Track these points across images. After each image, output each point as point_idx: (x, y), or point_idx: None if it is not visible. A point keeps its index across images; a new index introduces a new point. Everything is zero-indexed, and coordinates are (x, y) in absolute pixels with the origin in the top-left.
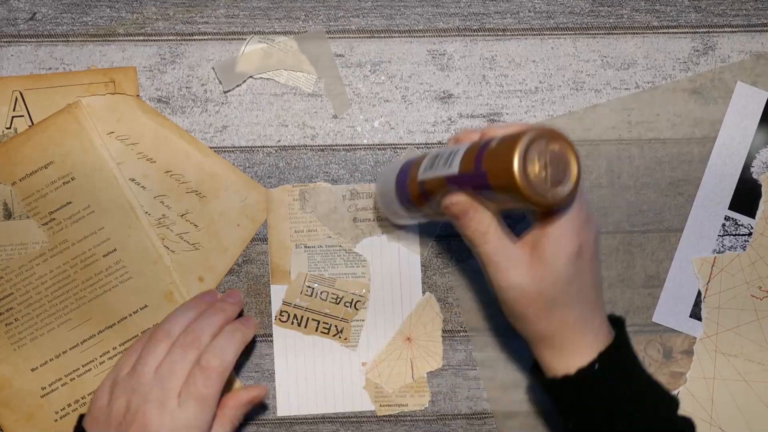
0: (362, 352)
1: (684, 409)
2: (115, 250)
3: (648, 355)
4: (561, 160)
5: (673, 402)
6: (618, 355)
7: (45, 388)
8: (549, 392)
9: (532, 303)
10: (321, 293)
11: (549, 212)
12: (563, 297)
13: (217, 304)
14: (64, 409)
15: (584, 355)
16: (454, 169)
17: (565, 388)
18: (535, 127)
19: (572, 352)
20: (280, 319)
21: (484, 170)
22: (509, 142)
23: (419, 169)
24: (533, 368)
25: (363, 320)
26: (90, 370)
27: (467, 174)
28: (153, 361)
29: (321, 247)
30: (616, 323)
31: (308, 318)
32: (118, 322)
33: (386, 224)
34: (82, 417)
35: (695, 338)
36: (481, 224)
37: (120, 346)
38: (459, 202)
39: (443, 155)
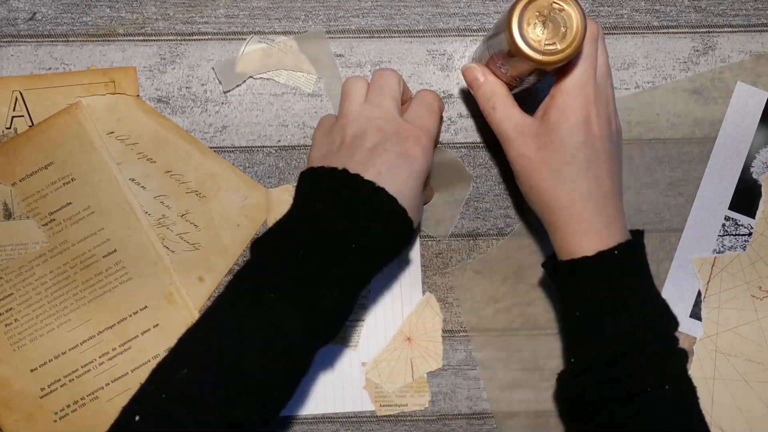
0: (362, 351)
1: None
2: (115, 250)
3: None
4: (564, 22)
5: (675, 321)
6: (636, 254)
7: (44, 388)
8: (561, 276)
9: (538, 171)
10: None
11: (560, 77)
12: (570, 168)
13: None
14: (63, 409)
15: (597, 241)
16: (497, 41)
17: (579, 268)
18: None
19: (585, 236)
20: None
21: (497, 32)
22: (508, 13)
23: (487, 41)
24: (545, 263)
25: (363, 320)
26: (89, 371)
27: (493, 38)
28: (358, 97)
29: None
30: (636, 233)
31: None
32: (117, 323)
33: None
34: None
35: (695, 338)
36: (489, 91)
37: (120, 347)
38: (469, 69)
39: (498, 25)
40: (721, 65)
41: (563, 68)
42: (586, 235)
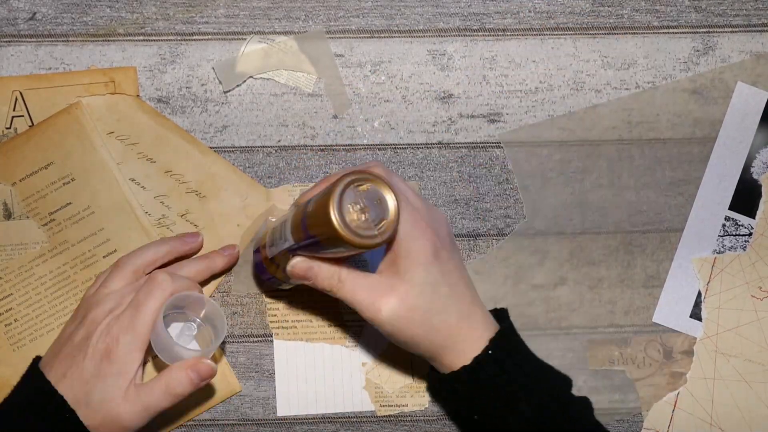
0: (362, 352)
1: (684, 409)
2: (115, 251)
3: (648, 355)
4: (375, 196)
5: (567, 381)
6: (507, 340)
7: None
8: (449, 388)
9: (411, 322)
10: None
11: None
12: (437, 303)
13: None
14: None
15: (476, 346)
16: (290, 240)
17: (462, 377)
18: (340, 179)
19: (465, 348)
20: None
21: (311, 234)
22: (322, 201)
23: (267, 249)
24: (429, 375)
25: (363, 320)
26: None
27: (301, 242)
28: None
29: None
30: (500, 314)
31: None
32: None
33: None
34: (38, 359)
35: (695, 338)
36: (328, 274)
37: None
38: (297, 265)
39: (276, 231)
40: (721, 65)
41: None
42: (463, 351)
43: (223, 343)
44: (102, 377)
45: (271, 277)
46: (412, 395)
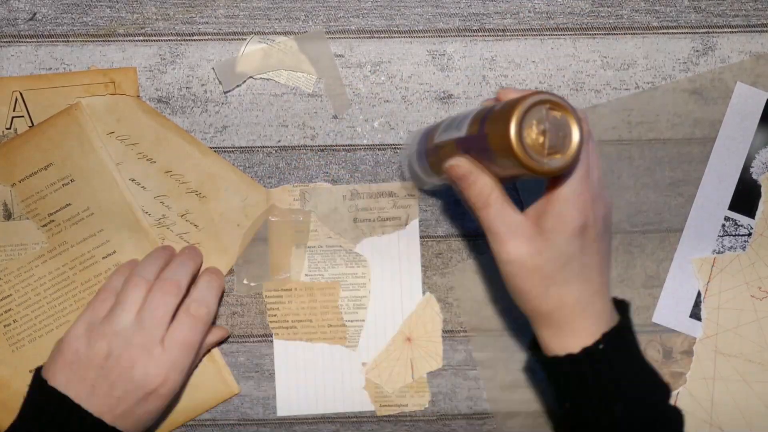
0: (362, 352)
1: (684, 410)
2: (114, 252)
3: (648, 355)
4: (561, 129)
5: (667, 389)
6: (621, 339)
7: None
8: (548, 370)
9: (530, 277)
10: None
11: (556, 183)
12: (562, 274)
13: (186, 251)
14: None
15: (584, 337)
16: (462, 131)
17: (566, 365)
18: (539, 93)
19: (571, 334)
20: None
21: (485, 133)
22: (510, 106)
23: (436, 134)
24: (531, 345)
25: (363, 320)
26: None
27: (472, 136)
28: (132, 306)
29: (321, 247)
30: (621, 306)
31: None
32: None
33: (386, 225)
34: (40, 369)
35: (695, 338)
36: (483, 189)
37: None
38: (459, 165)
39: (457, 119)
40: (720, 65)
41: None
42: (572, 334)
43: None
44: (135, 392)
45: (426, 165)
46: (412, 395)
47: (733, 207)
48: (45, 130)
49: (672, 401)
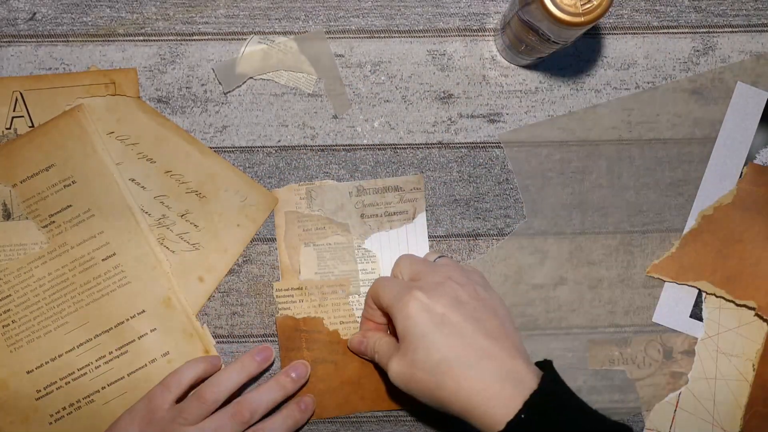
0: None
1: (686, 410)
2: (114, 254)
3: (648, 355)
4: None
5: (625, 428)
6: (546, 399)
7: (40, 391)
8: None
9: (419, 381)
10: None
11: (379, 303)
12: (439, 357)
13: (280, 378)
14: (59, 412)
15: (504, 406)
16: (517, 5)
17: None
18: None
19: (495, 410)
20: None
21: (530, 0)
22: None
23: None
24: None
25: None
26: (86, 374)
27: (524, 8)
28: (195, 419)
29: (330, 244)
30: (544, 366)
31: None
32: (114, 327)
33: (393, 219)
34: None
35: (695, 338)
36: (372, 342)
37: (117, 350)
38: (351, 341)
39: None
40: (721, 65)
41: (381, 298)
42: (488, 404)
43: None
44: None
45: (508, 42)
46: None
47: None
48: (47, 132)
49: (674, 402)
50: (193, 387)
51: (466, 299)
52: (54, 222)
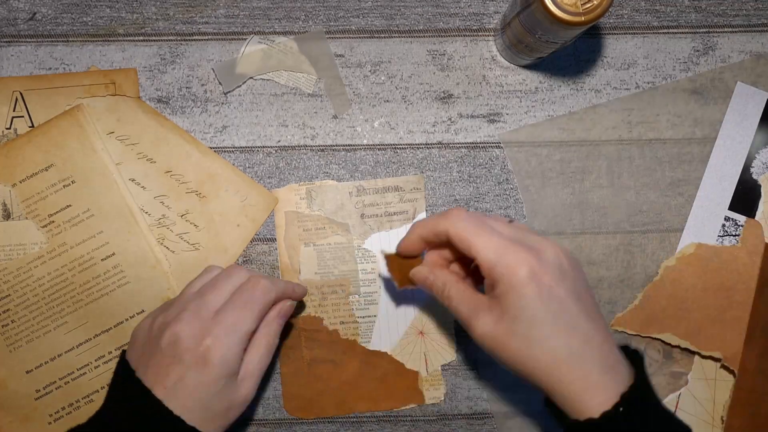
0: (375, 347)
1: (686, 410)
2: (113, 254)
3: (648, 355)
4: None
5: None
6: (641, 397)
7: (39, 390)
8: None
9: (506, 345)
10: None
11: (479, 256)
12: (536, 329)
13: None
14: (58, 412)
15: (600, 393)
16: (518, 6)
17: (589, 430)
18: None
19: (583, 391)
20: None
21: (530, 1)
22: None
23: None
24: (546, 403)
25: (375, 316)
26: (85, 374)
27: (524, 9)
28: (197, 284)
29: (330, 244)
30: (634, 358)
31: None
32: (114, 327)
33: (394, 219)
34: (125, 351)
35: None
36: (441, 287)
37: (116, 350)
38: (418, 273)
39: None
40: (721, 65)
41: (475, 248)
42: (584, 392)
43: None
44: (211, 385)
45: (508, 42)
46: (428, 389)
47: (733, 207)
48: (47, 131)
49: (674, 403)
50: None
51: (568, 269)
52: (53, 222)
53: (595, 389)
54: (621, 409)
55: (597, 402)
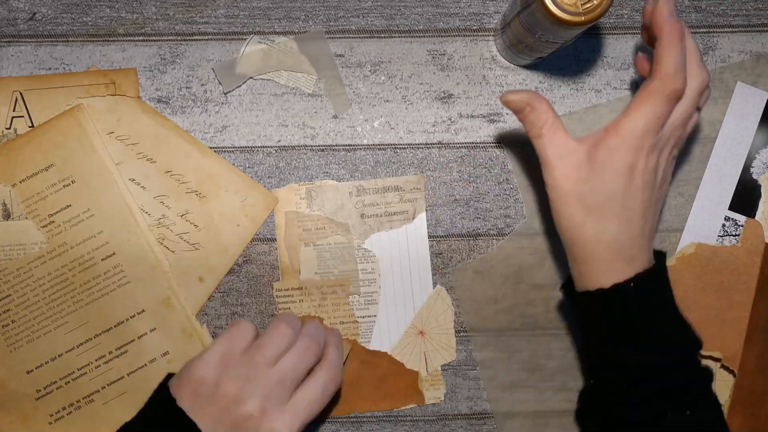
0: (375, 347)
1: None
2: (113, 254)
3: None
4: None
5: (697, 343)
6: (653, 282)
7: (40, 390)
8: (578, 305)
9: (571, 203)
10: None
11: (624, 116)
12: (602, 209)
13: (314, 320)
14: (59, 412)
15: (616, 276)
16: (518, 6)
17: (595, 299)
18: None
19: (605, 271)
20: None
21: (530, 2)
22: None
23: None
24: (564, 285)
25: (375, 316)
26: (85, 374)
27: (522, 6)
28: (274, 352)
29: (330, 244)
30: (658, 256)
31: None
32: (114, 327)
33: (393, 219)
34: (170, 376)
35: None
36: (536, 120)
37: (116, 350)
38: (516, 99)
39: None
40: (721, 65)
41: (631, 104)
42: (605, 272)
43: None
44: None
45: (507, 43)
46: (428, 389)
47: (733, 207)
48: (46, 131)
49: None
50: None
51: (659, 180)
52: (53, 222)
53: (614, 272)
54: (631, 284)
55: (610, 280)
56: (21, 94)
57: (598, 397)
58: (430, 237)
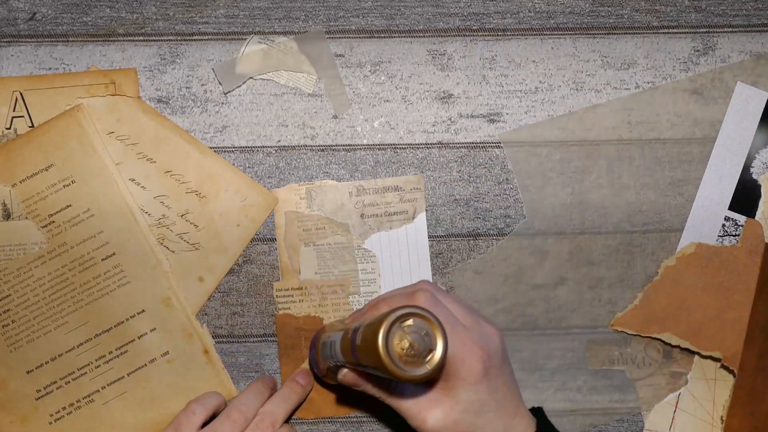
0: None
1: (685, 410)
2: (113, 254)
3: (648, 355)
4: (423, 331)
5: None
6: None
7: (40, 390)
8: None
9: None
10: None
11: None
12: (482, 419)
13: (290, 385)
14: (59, 411)
15: None
16: (342, 361)
17: None
18: (386, 315)
19: None
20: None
21: (363, 364)
22: (370, 337)
23: (320, 358)
24: None
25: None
26: (86, 374)
27: (353, 365)
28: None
29: (330, 245)
30: (537, 413)
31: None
32: (114, 327)
33: (393, 219)
34: None
35: None
36: (374, 388)
37: (116, 350)
38: (348, 375)
39: (327, 347)
40: (721, 65)
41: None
42: None
43: None
44: None
45: (323, 374)
46: None
47: (733, 207)
48: (46, 131)
49: (673, 402)
50: (215, 414)
51: (504, 352)
52: (53, 222)
53: None
54: None
55: None
56: (21, 94)
57: None
58: (430, 237)
